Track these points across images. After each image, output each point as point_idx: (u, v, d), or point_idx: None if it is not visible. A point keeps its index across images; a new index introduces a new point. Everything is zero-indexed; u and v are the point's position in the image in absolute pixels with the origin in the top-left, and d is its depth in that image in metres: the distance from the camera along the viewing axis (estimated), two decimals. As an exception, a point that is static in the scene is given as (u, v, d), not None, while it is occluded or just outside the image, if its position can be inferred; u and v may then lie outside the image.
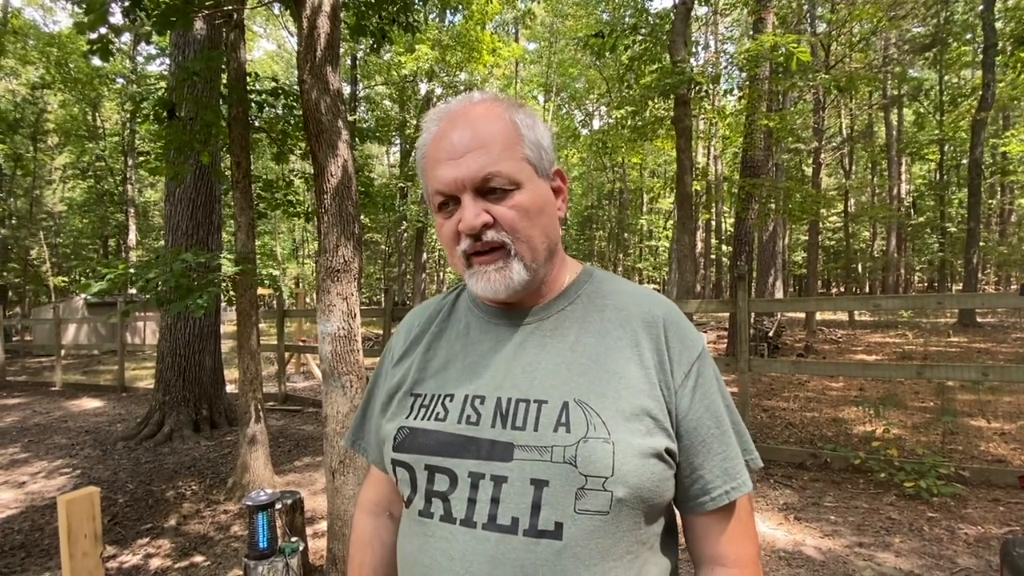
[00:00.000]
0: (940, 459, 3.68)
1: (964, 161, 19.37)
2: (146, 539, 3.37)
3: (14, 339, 15.23)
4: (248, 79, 4.14)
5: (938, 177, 22.12)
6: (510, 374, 0.69)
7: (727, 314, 10.63)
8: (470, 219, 0.65)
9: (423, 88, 18.14)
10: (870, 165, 23.18)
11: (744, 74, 7.16)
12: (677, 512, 0.72)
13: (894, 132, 21.23)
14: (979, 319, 14.33)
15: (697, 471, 0.67)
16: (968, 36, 14.57)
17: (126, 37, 17.32)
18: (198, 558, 3.10)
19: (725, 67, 7.32)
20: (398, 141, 21.19)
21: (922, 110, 20.31)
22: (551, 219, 0.71)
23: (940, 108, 18.17)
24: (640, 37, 6.43)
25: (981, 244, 14.52)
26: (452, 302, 0.82)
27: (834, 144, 15.78)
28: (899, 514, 3.29)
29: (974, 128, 13.13)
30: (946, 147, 20.17)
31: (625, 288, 0.75)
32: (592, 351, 0.68)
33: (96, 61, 16.45)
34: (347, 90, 16.40)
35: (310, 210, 4.88)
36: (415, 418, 0.71)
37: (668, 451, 0.64)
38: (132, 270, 3.92)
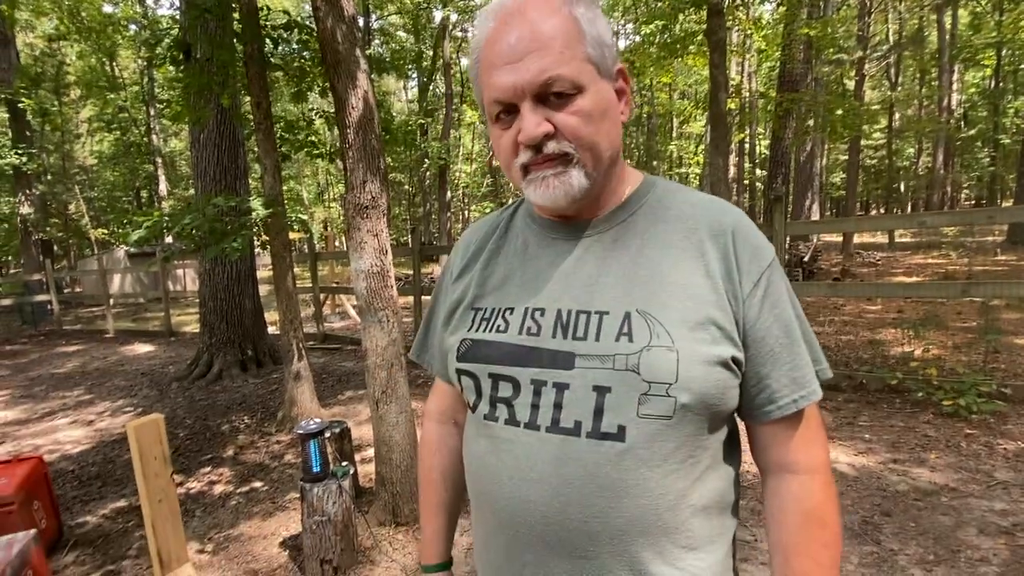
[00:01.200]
0: (982, 377, 3.62)
1: (1023, 66, 17.87)
2: (208, 468, 3.63)
3: (65, 291, 15.99)
4: (260, 14, 4.02)
5: (993, 85, 20.53)
6: (570, 287, 0.68)
7: None
8: (530, 129, 0.61)
9: (437, 16, 17.37)
10: (918, 75, 21.59)
11: None
12: (740, 422, 0.72)
13: (947, 37, 19.57)
14: (1030, 235, 13.66)
15: (764, 380, 0.66)
16: None
17: (133, -20, 16.92)
18: (257, 484, 3.33)
19: None
20: (415, 75, 20.59)
21: (979, 9, 18.59)
22: (614, 124, 0.67)
23: (999, 6, 16.59)
24: None
25: (1037, 155, 13.60)
26: (509, 218, 0.81)
27: (880, 53, 14.69)
28: (936, 431, 3.29)
29: None
30: (1004, 51, 18.55)
31: (690, 198, 0.72)
32: (655, 262, 0.66)
33: (107, 7, 16.19)
34: (360, 22, 15.82)
35: (333, 150, 4.84)
36: (477, 330, 0.72)
37: (734, 359, 0.64)
38: (167, 217, 4.01)
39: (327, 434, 2.90)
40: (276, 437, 4.11)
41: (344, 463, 2.96)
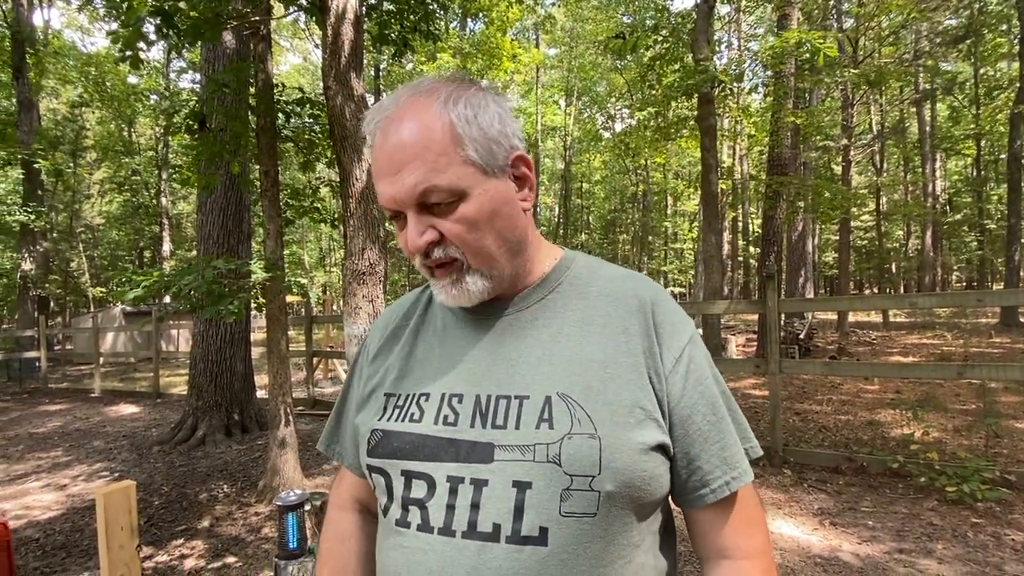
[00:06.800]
0: (984, 463, 3.54)
1: (1003, 156, 18.71)
2: (180, 540, 3.45)
3: (56, 348, 15.82)
4: (275, 90, 4.23)
5: (975, 173, 21.41)
6: (489, 369, 0.64)
7: (756, 316, 10.43)
8: (414, 240, 0.61)
9: (445, 96, 18.27)
10: (902, 162, 22.56)
11: (769, 71, 7.04)
12: (675, 507, 0.69)
13: (927, 127, 20.62)
14: (1023, 319, 13.80)
15: (694, 462, 0.63)
16: (1003, 27, 14.12)
17: (159, 55, 17.96)
18: (230, 559, 3.15)
19: (749, 65, 7.19)
20: (421, 149, 21.34)
21: (957, 104, 19.72)
22: (508, 219, 0.64)
23: (976, 101, 17.63)
24: (661, 37, 6.39)
25: (1022, 241, 13.99)
26: (429, 297, 0.77)
27: (864, 141, 15.40)
28: (941, 519, 3.17)
29: (1012, 121, 12.70)
30: (983, 142, 19.51)
31: (609, 272, 0.71)
32: (575, 341, 0.64)
33: (132, 79, 17.07)
34: (371, 100, 16.65)
35: (336, 217, 4.96)
36: (388, 419, 0.67)
37: (660, 445, 0.60)
38: (166, 277, 4.04)
39: (307, 507, 2.77)
40: (255, 508, 3.93)
41: (324, 538, 2.81)
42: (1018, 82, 12.82)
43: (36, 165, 13.31)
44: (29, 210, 13.15)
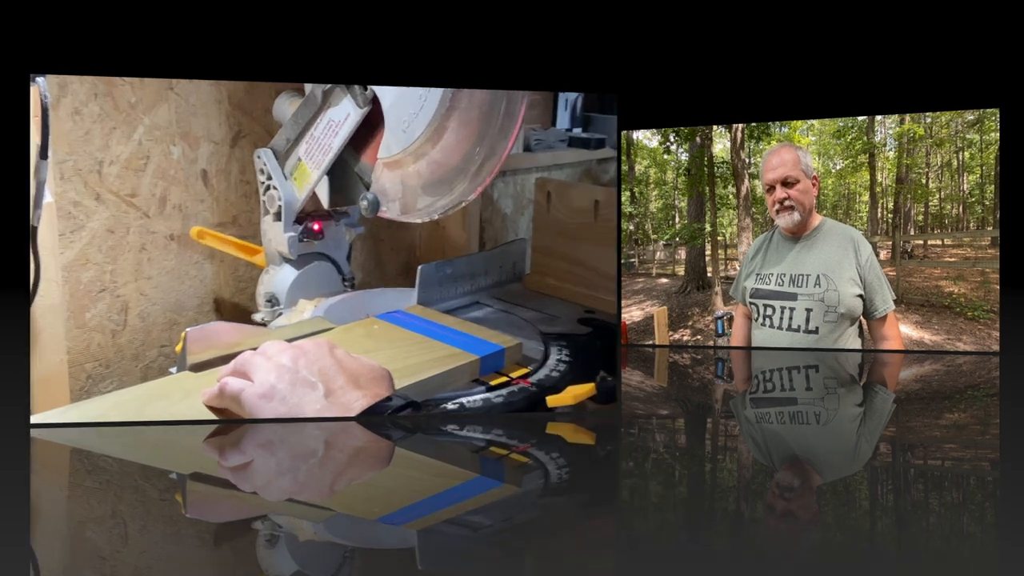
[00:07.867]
0: (983, 303, 3.43)
1: (992, 174, 14.87)
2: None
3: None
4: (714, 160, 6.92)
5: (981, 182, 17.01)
6: (795, 263, 1.10)
7: (890, 242, 11.16)
8: (779, 195, 1.06)
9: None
10: (949, 177, 18.67)
11: (895, 141, 9.30)
12: (863, 321, 1.11)
13: (961, 162, 16.32)
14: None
15: (872, 300, 1.04)
16: (995, 117, 11.87)
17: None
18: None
19: (889, 139, 9.50)
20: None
21: (973, 152, 15.94)
22: (811, 197, 1.10)
23: (981, 150, 14.42)
24: (855, 128, 9.45)
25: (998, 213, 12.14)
26: (771, 234, 1.20)
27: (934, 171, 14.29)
28: (965, 326, 2.35)
29: (998, 159, 10.70)
30: (984, 168, 15.56)
31: (840, 227, 1.16)
32: (829, 254, 1.08)
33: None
34: (737, 161, 18.93)
35: (733, 206, 6.56)
36: (757, 283, 1.15)
37: (859, 295, 1.02)
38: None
39: (726, 317, 2.02)
40: (707, 318, 3.62)
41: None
42: (999, 140, 11.08)
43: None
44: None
